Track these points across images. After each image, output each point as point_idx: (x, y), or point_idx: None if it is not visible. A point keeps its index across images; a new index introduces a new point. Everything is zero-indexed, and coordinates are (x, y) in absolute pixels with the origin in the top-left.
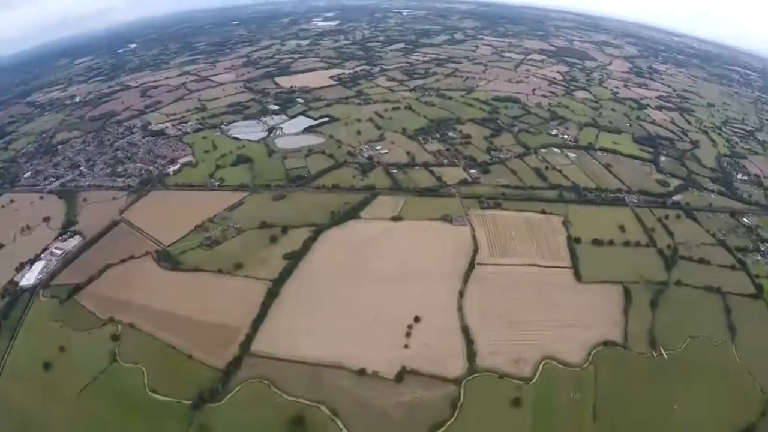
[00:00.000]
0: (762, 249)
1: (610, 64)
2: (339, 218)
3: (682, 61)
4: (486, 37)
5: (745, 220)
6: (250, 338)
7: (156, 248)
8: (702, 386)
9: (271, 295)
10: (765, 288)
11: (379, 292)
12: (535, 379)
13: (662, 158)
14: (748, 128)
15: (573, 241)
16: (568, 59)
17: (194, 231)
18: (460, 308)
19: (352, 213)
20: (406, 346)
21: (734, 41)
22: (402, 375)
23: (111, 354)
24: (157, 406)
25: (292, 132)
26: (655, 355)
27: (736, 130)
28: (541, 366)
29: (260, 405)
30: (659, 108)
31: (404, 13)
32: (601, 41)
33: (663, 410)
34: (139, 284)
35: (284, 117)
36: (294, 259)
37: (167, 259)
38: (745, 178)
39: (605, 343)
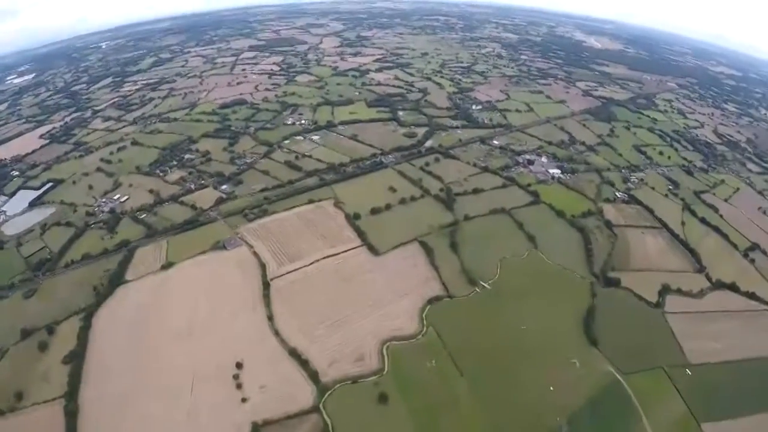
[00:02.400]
0: (520, 161)
1: (321, 43)
2: (105, 291)
3: (384, 23)
4: (193, 49)
5: (495, 142)
6: None
7: None
8: (533, 297)
9: (71, 414)
10: (540, 192)
11: (184, 353)
12: (387, 367)
13: (400, 113)
14: (464, 65)
15: (353, 219)
16: (279, 49)
17: None
18: (276, 333)
19: (117, 279)
20: (244, 400)
21: None
22: None
23: None
24: None
25: (17, 212)
26: (479, 290)
27: (454, 69)
28: (385, 352)
29: None
30: (380, 70)
31: (103, 47)
32: (306, 24)
33: (514, 335)
34: None
35: (2, 198)
36: (76, 359)
37: None
38: (480, 107)
39: (430, 301)
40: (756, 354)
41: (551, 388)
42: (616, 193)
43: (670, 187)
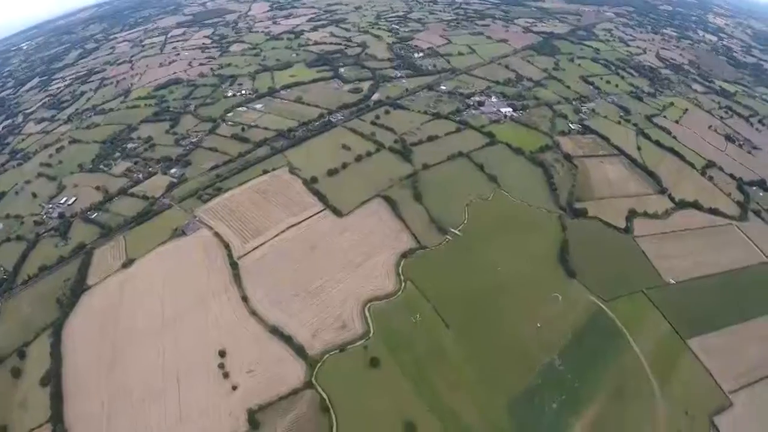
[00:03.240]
0: (470, 104)
1: (250, 10)
2: (69, 302)
3: None
4: (119, 35)
5: (442, 87)
6: None
7: None
8: (505, 238)
9: None
10: (495, 132)
11: (163, 351)
12: (372, 329)
13: (342, 70)
14: (400, 14)
15: (311, 183)
16: (208, 21)
17: None
18: (254, 313)
19: (79, 287)
20: (234, 388)
21: None
22: (254, 418)
23: None
24: None
25: None
26: (450, 238)
27: (390, 19)
28: (367, 313)
29: None
30: (315, 29)
31: (24, 47)
32: None
33: (493, 279)
34: None
35: None
36: (54, 379)
37: None
38: (422, 54)
39: (404, 255)
40: (725, 267)
41: (538, 325)
42: (570, 125)
43: (622, 114)
